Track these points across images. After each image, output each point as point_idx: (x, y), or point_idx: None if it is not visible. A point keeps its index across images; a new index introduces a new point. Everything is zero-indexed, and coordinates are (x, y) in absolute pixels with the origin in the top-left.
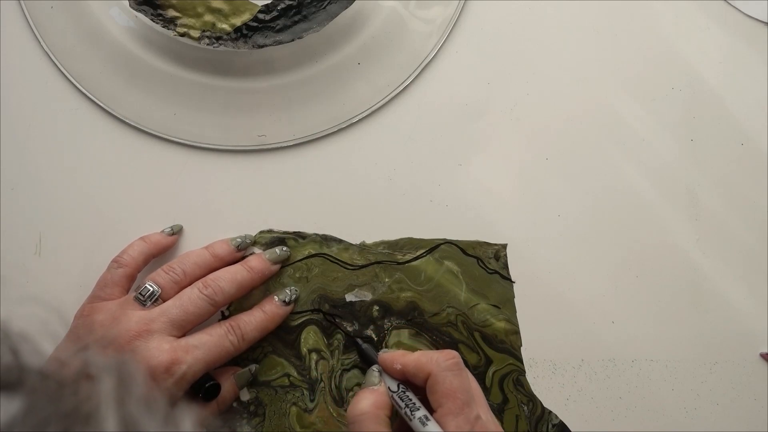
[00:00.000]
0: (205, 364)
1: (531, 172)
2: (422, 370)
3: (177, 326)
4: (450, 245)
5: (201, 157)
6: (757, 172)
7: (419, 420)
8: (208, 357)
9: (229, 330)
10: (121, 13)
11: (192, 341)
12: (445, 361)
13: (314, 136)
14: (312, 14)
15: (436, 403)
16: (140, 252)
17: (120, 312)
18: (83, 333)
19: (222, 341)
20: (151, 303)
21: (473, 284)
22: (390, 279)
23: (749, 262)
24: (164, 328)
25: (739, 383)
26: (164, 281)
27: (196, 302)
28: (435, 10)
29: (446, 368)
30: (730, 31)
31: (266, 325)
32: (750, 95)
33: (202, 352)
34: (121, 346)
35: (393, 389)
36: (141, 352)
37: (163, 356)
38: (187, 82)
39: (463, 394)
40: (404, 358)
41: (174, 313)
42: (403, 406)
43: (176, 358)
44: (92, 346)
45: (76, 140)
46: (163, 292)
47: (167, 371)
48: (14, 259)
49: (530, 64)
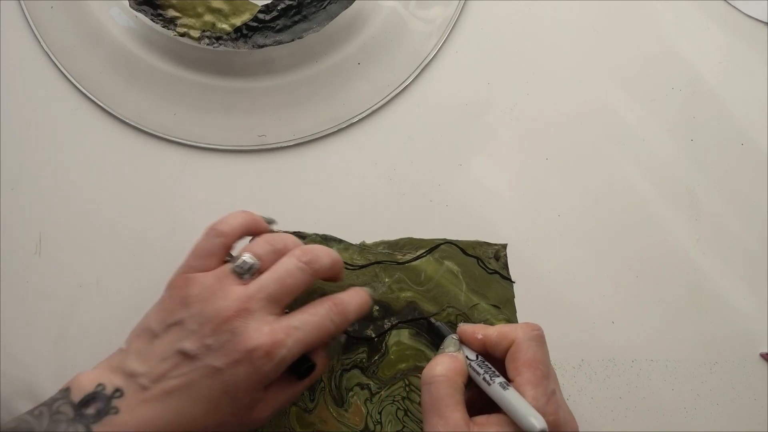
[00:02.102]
0: (304, 345)
1: (531, 172)
2: (506, 338)
3: (275, 301)
4: (450, 245)
5: (201, 157)
6: (757, 172)
7: (499, 384)
8: (309, 338)
9: (332, 308)
10: (121, 13)
11: (293, 322)
12: (531, 331)
13: (314, 136)
14: (312, 14)
15: (515, 371)
16: (240, 224)
17: (217, 286)
18: (177, 307)
19: (324, 322)
20: (250, 276)
21: (473, 284)
22: (390, 279)
23: (749, 262)
24: (263, 306)
25: (739, 383)
26: (263, 251)
27: (293, 273)
28: (435, 10)
29: (531, 338)
30: (730, 31)
31: (364, 309)
32: (750, 95)
33: (302, 333)
34: (218, 325)
35: (471, 358)
36: (240, 333)
37: (263, 339)
38: (187, 82)
39: (543, 367)
40: (486, 329)
41: (272, 288)
42: (481, 372)
43: (276, 341)
44: (187, 321)
45: (76, 140)
46: (262, 263)
47: (267, 355)
48: (14, 259)
49: (530, 64)
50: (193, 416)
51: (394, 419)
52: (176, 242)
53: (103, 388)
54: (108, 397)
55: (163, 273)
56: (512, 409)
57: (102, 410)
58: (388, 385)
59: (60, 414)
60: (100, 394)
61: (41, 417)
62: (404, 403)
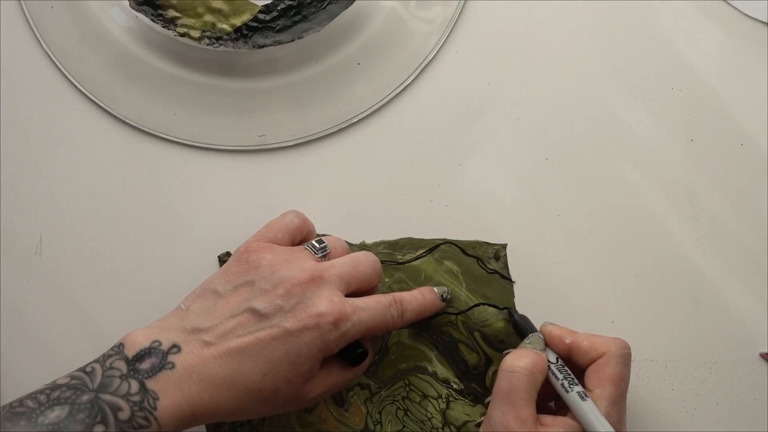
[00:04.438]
0: (366, 328)
1: (531, 172)
2: (596, 349)
3: (345, 282)
4: (450, 245)
5: (201, 157)
6: (757, 172)
7: (577, 394)
8: (371, 323)
9: (393, 303)
10: (121, 13)
11: (359, 303)
12: (623, 348)
13: (314, 136)
14: (312, 14)
15: (596, 382)
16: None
17: (292, 256)
18: (247, 269)
19: (386, 312)
20: (322, 255)
21: (473, 284)
22: (390, 279)
23: (749, 262)
24: (335, 281)
25: (739, 383)
26: (333, 242)
27: (366, 264)
28: (435, 10)
29: (622, 355)
30: (730, 31)
31: (423, 310)
32: (750, 95)
33: (367, 315)
34: (290, 288)
35: (552, 360)
36: (311, 298)
37: (333, 307)
38: (187, 82)
39: (624, 386)
40: (575, 335)
41: (346, 269)
42: (560, 378)
43: (345, 313)
44: (258, 281)
45: (76, 140)
46: (333, 250)
47: (334, 324)
48: (14, 259)
49: (530, 64)
50: (250, 377)
51: (394, 419)
52: (176, 242)
53: (159, 343)
54: (164, 352)
55: (163, 273)
56: (587, 421)
57: (156, 365)
58: (388, 385)
59: (113, 369)
60: (156, 349)
61: (93, 373)
62: (404, 403)
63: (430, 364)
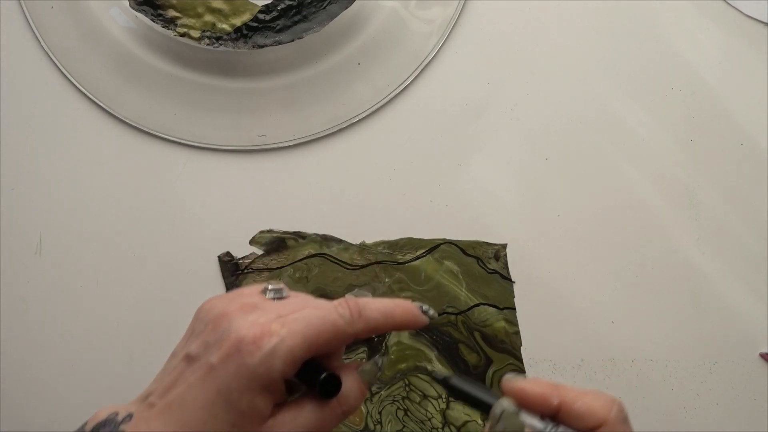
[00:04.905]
0: (303, 338)
1: (531, 172)
2: (593, 416)
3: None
4: (450, 245)
5: (201, 157)
6: (757, 172)
7: None
8: (308, 331)
9: (340, 303)
10: (121, 13)
11: (294, 315)
12: (620, 412)
13: (314, 136)
14: (312, 14)
15: None
16: None
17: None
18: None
19: (330, 313)
20: (274, 297)
21: (473, 284)
22: (390, 279)
23: (749, 262)
24: (274, 309)
25: (739, 383)
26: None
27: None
28: (435, 10)
29: (621, 420)
30: (730, 31)
31: (392, 310)
32: (750, 95)
33: (302, 324)
34: (218, 320)
35: (537, 426)
36: (234, 324)
37: (254, 327)
38: (187, 82)
39: None
40: (561, 392)
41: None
42: None
43: (267, 330)
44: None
45: (76, 140)
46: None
47: (254, 344)
48: (14, 259)
49: (530, 64)
50: (191, 428)
51: (394, 419)
52: (176, 242)
53: (116, 415)
54: (118, 422)
55: (163, 273)
56: None
57: None
58: (388, 385)
59: None
60: (112, 420)
61: None
62: (404, 403)
63: (430, 364)
